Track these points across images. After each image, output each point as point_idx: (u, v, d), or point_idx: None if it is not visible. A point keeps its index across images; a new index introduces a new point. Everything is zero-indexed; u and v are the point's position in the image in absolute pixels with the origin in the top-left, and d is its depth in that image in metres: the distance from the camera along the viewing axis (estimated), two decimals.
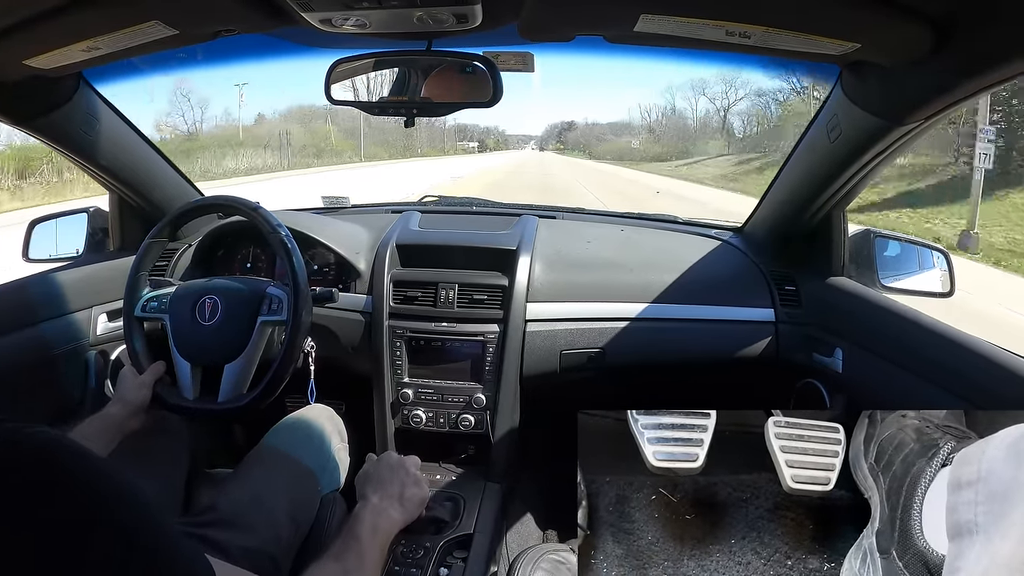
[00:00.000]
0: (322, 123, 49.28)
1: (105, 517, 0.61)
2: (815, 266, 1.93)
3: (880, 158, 1.51)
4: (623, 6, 1.11)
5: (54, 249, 2.16)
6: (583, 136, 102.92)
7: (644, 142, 69.21)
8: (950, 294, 1.86)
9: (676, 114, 69.08)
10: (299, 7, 1.17)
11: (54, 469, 0.60)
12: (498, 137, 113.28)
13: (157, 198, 2.11)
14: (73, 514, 0.58)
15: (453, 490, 1.87)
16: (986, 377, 1.30)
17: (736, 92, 53.96)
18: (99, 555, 0.58)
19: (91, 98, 1.77)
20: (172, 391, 1.62)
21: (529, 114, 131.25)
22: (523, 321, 1.92)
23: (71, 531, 0.57)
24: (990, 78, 1.11)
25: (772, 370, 1.96)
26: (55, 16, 1.19)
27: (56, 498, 0.59)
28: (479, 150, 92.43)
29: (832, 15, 1.07)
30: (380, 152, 54.49)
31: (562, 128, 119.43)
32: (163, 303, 1.68)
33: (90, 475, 0.63)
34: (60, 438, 0.64)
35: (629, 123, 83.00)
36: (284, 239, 1.62)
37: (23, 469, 0.58)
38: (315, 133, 48.46)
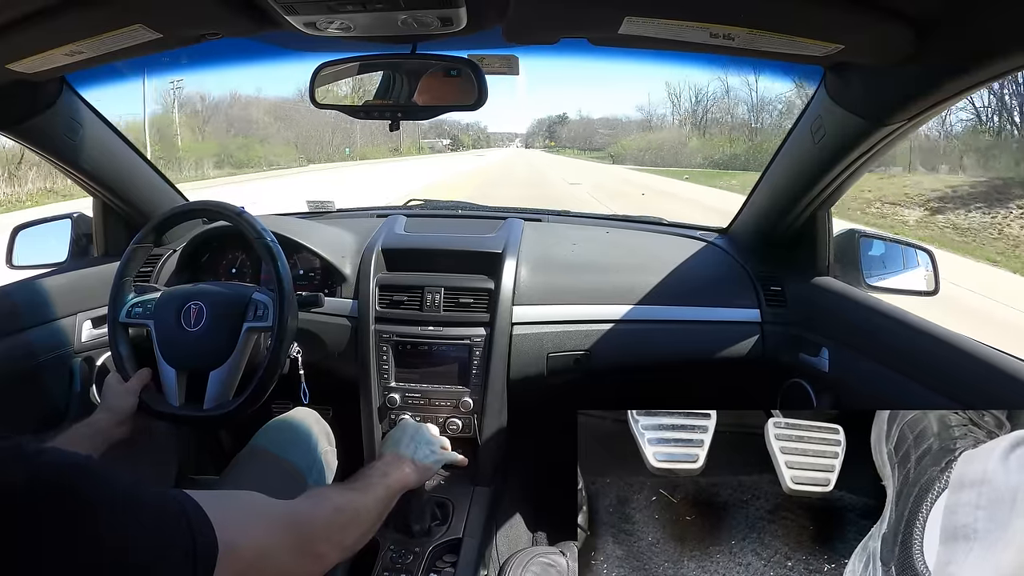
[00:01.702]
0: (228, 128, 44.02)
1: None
2: (800, 266, 1.94)
3: (864, 158, 1.52)
4: (607, 9, 1.11)
5: (38, 256, 2.14)
6: (581, 130, 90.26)
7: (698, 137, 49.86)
8: (935, 292, 1.87)
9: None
10: (283, 11, 1.16)
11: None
12: (477, 133, 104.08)
13: (141, 203, 2.10)
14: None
15: (441, 494, 1.87)
16: (972, 375, 1.31)
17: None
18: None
19: (74, 102, 1.75)
20: (158, 398, 1.61)
21: (514, 107, 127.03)
22: (509, 324, 1.92)
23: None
24: (973, 78, 1.12)
25: (758, 370, 1.97)
26: (38, 20, 1.18)
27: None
28: (452, 148, 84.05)
29: (815, 17, 1.08)
30: (286, 154, 45.52)
31: (552, 123, 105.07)
32: (148, 309, 1.66)
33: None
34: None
35: (650, 114, 66.75)
36: (269, 244, 1.61)
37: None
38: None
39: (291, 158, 45.49)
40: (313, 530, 0.98)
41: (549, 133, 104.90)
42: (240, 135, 44.78)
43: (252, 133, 46.20)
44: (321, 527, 1.01)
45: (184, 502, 0.74)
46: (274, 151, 45.07)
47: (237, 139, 43.85)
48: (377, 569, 1.64)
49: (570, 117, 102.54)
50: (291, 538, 0.92)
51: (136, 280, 1.73)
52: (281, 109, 49.51)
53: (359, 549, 1.14)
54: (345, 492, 1.22)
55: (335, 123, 49.37)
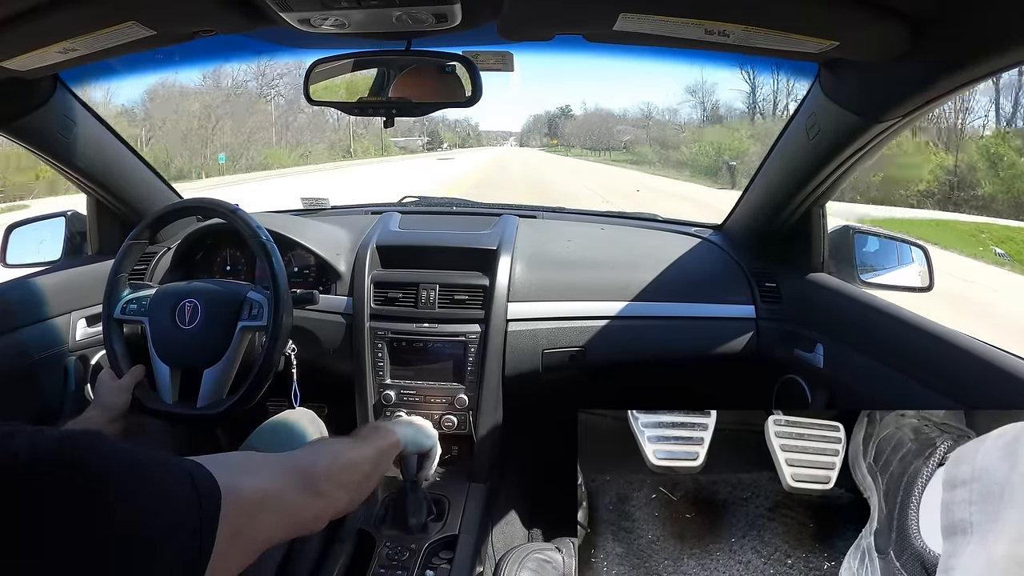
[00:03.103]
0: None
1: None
2: (795, 262, 1.94)
3: (859, 155, 1.52)
4: (603, 5, 1.11)
5: (32, 254, 2.13)
6: (594, 125, 73.80)
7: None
8: (929, 288, 1.88)
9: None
10: (278, 7, 1.16)
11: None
12: (467, 130, 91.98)
13: (135, 201, 2.09)
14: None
15: (437, 491, 1.87)
16: (966, 372, 1.31)
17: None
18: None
19: (68, 100, 1.75)
20: (152, 395, 1.61)
21: (510, 102, 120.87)
22: (504, 321, 1.92)
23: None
24: (967, 75, 1.12)
25: (753, 366, 1.97)
26: (31, 17, 1.18)
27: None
28: (428, 148, 68.80)
29: (811, 13, 1.08)
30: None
31: (554, 117, 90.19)
32: (143, 305, 1.66)
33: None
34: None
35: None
36: (264, 242, 1.61)
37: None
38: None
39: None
40: (314, 471, 0.99)
41: (550, 129, 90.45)
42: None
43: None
44: (321, 468, 1.01)
45: (184, 460, 0.75)
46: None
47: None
48: (374, 565, 1.64)
49: (575, 112, 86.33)
50: (294, 478, 0.93)
51: (131, 277, 1.73)
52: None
53: (361, 499, 1.14)
54: (339, 440, 1.24)
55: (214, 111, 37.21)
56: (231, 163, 36.57)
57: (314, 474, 0.98)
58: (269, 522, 0.84)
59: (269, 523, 0.84)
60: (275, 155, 40.47)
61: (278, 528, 0.87)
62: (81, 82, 1.78)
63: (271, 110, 42.55)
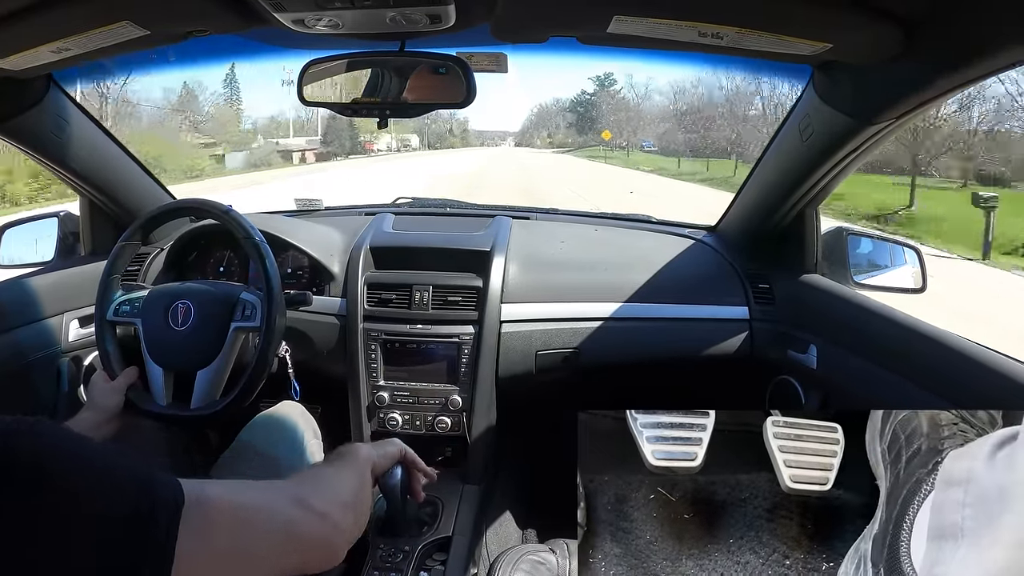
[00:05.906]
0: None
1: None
2: (788, 264, 1.94)
3: (852, 157, 1.53)
4: (596, 7, 1.11)
5: (24, 255, 2.12)
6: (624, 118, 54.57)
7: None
8: (922, 290, 1.88)
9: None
10: (271, 7, 1.16)
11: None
12: (462, 127, 77.66)
13: (128, 202, 2.08)
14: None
15: (431, 493, 1.87)
16: (959, 372, 1.32)
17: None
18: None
19: (61, 100, 1.74)
20: (144, 396, 1.61)
21: (506, 99, 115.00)
22: (498, 322, 1.91)
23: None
24: (960, 77, 1.13)
25: (747, 367, 1.98)
26: (25, 16, 1.18)
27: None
28: (401, 148, 57.11)
29: (804, 16, 1.08)
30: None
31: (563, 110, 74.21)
32: (136, 307, 1.66)
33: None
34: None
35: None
36: (257, 243, 1.61)
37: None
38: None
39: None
40: (300, 489, 0.95)
41: (559, 124, 75.56)
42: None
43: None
44: (308, 487, 0.96)
45: (140, 463, 0.71)
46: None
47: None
48: (367, 568, 1.63)
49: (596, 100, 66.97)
50: (281, 495, 0.89)
51: (124, 278, 1.72)
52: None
53: (364, 518, 1.08)
54: (314, 466, 1.25)
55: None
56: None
57: (300, 492, 0.94)
58: (266, 540, 0.81)
59: (267, 541, 0.81)
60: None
61: (281, 547, 0.84)
62: (74, 82, 1.78)
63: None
